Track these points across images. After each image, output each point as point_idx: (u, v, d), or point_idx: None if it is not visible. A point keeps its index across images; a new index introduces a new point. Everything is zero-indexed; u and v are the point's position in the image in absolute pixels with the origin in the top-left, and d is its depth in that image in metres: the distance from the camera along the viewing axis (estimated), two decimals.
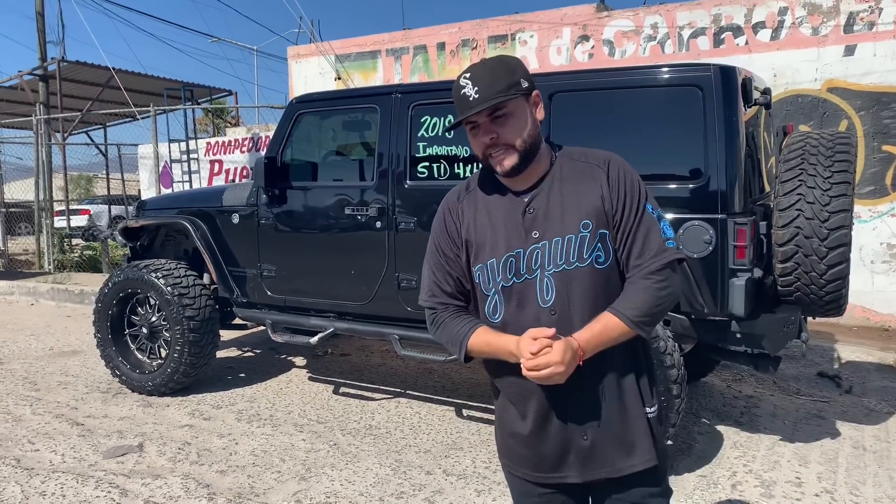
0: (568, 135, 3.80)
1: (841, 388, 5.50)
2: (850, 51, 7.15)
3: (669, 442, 3.79)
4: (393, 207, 4.43)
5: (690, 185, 3.75)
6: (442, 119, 4.27)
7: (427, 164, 4.34)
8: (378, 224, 4.48)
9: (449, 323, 1.84)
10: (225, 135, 16.60)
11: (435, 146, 4.30)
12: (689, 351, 4.18)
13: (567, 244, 1.72)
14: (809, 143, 3.90)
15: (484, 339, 1.77)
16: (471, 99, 1.69)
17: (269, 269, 5.01)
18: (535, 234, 1.74)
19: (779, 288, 3.89)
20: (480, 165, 1.86)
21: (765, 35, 7.52)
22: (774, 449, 4.27)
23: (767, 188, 4.33)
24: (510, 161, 1.72)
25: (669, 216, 3.73)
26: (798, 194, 3.75)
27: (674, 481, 3.83)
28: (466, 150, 4.22)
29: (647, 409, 1.81)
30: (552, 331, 1.65)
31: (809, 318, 4.36)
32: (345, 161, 5.09)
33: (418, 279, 4.34)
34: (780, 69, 7.40)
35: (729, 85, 3.71)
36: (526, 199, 1.77)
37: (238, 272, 5.17)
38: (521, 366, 1.65)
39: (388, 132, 4.46)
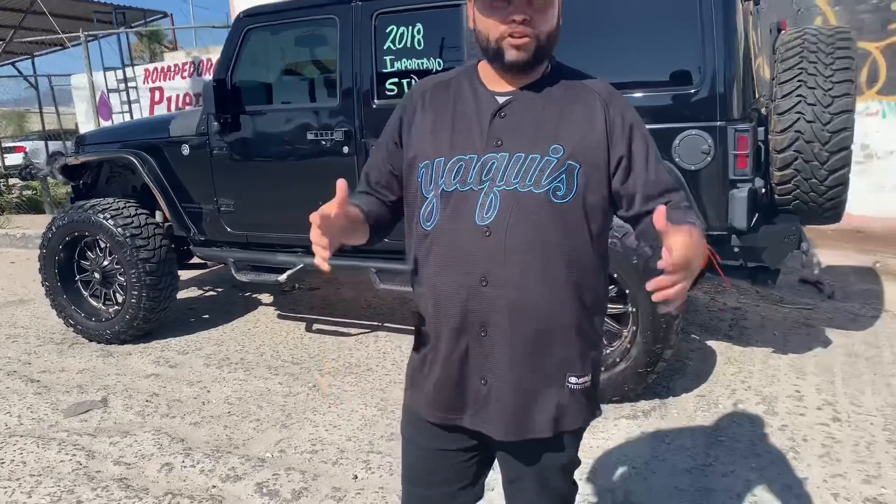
0: None
1: (823, 294, 5.44)
2: None
3: (663, 363, 3.64)
4: (360, 130, 4.07)
5: (685, 91, 3.47)
6: (410, 28, 3.87)
7: (396, 80, 3.96)
8: (345, 149, 4.12)
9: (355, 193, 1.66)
10: (163, 60, 15.68)
11: (404, 60, 3.91)
12: None
13: (529, 163, 1.46)
14: (808, 41, 3.62)
15: None
16: None
17: (226, 203, 4.62)
18: (498, 142, 1.49)
19: (776, 197, 3.69)
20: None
21: None
22: (769, 362, 4.17)
23: (757, 92, 4.08)
24: (527, 52, 1.47)
25: (664, 126, 3.47)
26: (798, 96, 3.50)
27: (673, 402, 3.71)
28: (439, 64, 3.85)
29: (570, 379, 1.55)
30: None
31: None
32: (303, 81, 4.65)
33: None
34: None
35: None
36: (501, 101, 1.52)
37: (193, 208, 4.78)
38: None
39: (349, 46, 4.04)
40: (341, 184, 1.39)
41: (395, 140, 1.64)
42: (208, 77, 12.88)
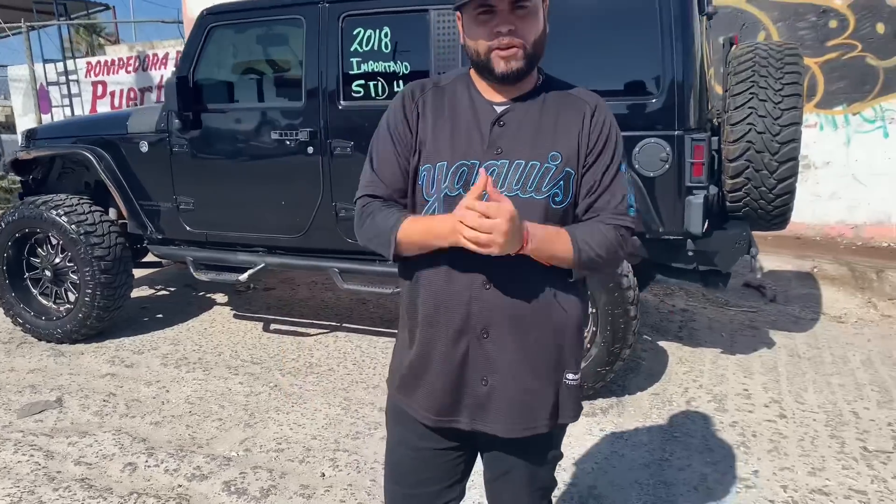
0: None
1: (766, 298, 5.68)
2: None
3: (621, 362, 3.76)
4: (326, 131, 4.08)
5: (645, 101, 3.60)
6: (378, 31, 3.91)
7: (363, 81, 3.99)
8: (310, 149, 4.12)
9: (378, 213, 1.59)
10: (105, 53, 15.28)
11: (371, 62, 3.95)
12: None
13: (530, 170, 1.53)
14: (759, 55, 3.80)
15: (417, 225, 1.53)
16: None
17: (186, 201, 4.57)
18: (499, 150, 1.54)
19: (728, 203, 3.85)
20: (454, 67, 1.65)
21: None
22: (718, 362, 4.35)
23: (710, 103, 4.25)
24: (517, 63, 1.52)
25: (624, 134, 3.58)
26: (750, 108, 3.67)
27: (629, 400, 3.84)
28: (406, 67, 3.90)
29: (568, 376, 1.63)
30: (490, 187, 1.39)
31: None
32: (267, 80, 4.63)
33: None
34: None
35: None
36: (499, 111, 1.58)
37: (151, 206, 4.71)
38: (461, 235, 1.39)
39: (316, 47, 4.05)
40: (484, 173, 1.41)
41: (406, 130, 1.61)
42: (154, 72, 12.67)
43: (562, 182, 1.54)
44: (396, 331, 1.77)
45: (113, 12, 19.14)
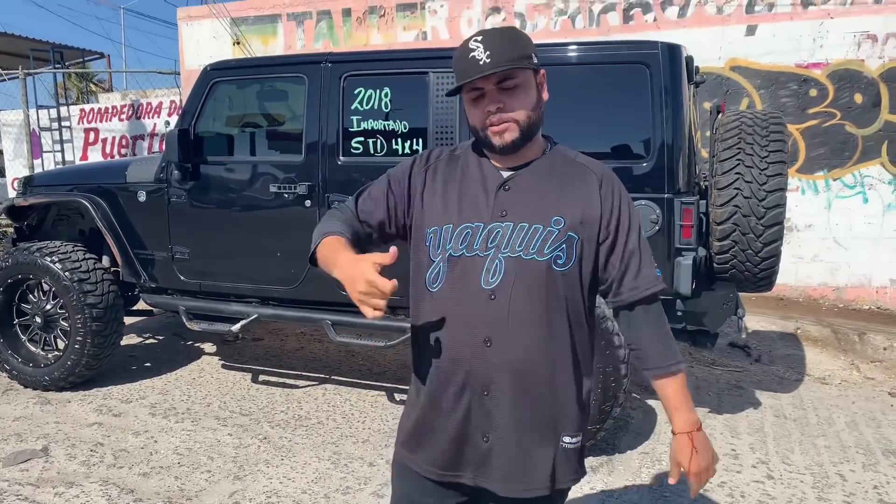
0: None
1: (751, 358, 5.75)
2: (751, 31, 7.40)
3: (612, 420, 3.79)
4: (324, 185, 4.16)
5: (636, 165, 3.72)
6: (378, 91, 4.03)
7: (362, 139, 4.09)
8: (307, 203, 4.20)
9: (330, 216, 1.74)
10: (97, 101, 15.42)
11: (371, 120, 4.06)
12: None
13: (532, 233, 1.60)
14: (745, 123, 3.95)
15: (331, 247, 1.61)
16: (481, 63, 1.55)
17: (181, 251, 4.61)
18: (503, 213, 1.62)
19: (715, 265, 3.95)
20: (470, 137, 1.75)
21: (672, 13, 7.66)
22: (706, 422, 4.38)
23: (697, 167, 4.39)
24: (511, 135, 1.60)
25: None
26: (736, 173, 3.80)
27: (619, 459, 3.86)
28: (405, 126, 4.01)
29: (565, 439, 1.67)
30: (391, 284, 1.42)
31: None
32: (267, 134, 4.73)
33: None
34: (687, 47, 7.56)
35: (675, 63, 3.70)
36: (506, 176, 1.66)
37: (146, 255, 4.74)
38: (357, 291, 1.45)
39: (317, 104, 4.16)
40: (393, 252, 1.46)
41: (406, 182, 1.72)
42: (147, 120, 12.80)
43: (564, 246, 1.61)
44: (385, 384, 1.83)
45: (108, 61, 19.39)
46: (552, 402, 1.64)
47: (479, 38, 1.58)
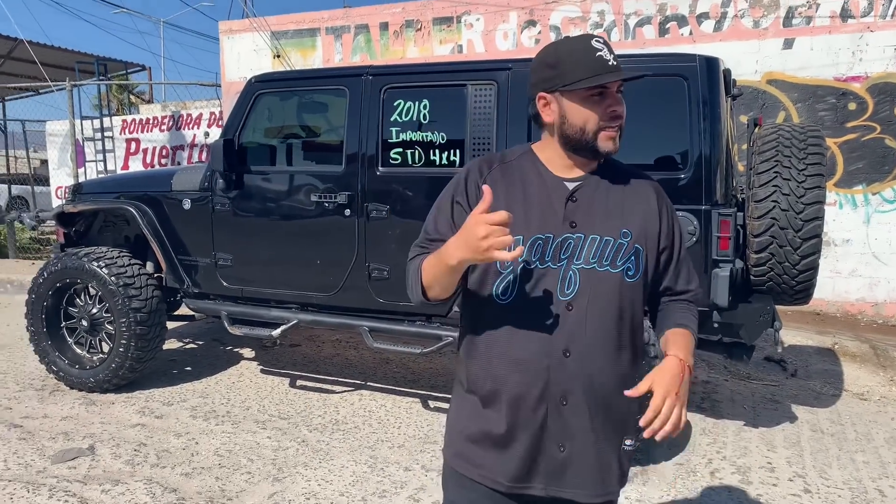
0: None
1: (787, 372, 5.70)
2: (788, 44, 7.37)
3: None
4: (363, 194, 4.26)
5: (674, 176, 3.74)
6: (417, 103, 4.11)
7: (400, 150, 4.18)
8: (347, 212, 4.29)
9: (416, 258, 1.69)
10: (138, 112, 15.80)
11: (409, 132, 4.15)
12: None
13: (604, 245, 1.63)
14: (783, 136, 3.96)
15: (431, 257, 1.61)
16: (610, 63, 1.58)
17: (224, 257, 4.74)
18: (573, 224, 1.63)
19: (752, 277, 3.95)
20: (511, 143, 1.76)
21: (708, 26, 7.67)
22: (741, 434, 4.37)
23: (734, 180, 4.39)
24: (618, 142, 1.64)
25: None
26: (774, 186, 3.81)
27: (653, 470, 3.86)
28: (443, 137, 4.09)
29: (626, 442, 1.70)
30: (504, 213, 1.42)
31: None
32: (309, 145, 4.85)
33: (390, 269, 4.23)
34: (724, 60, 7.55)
35: (713, 75, 3.72)
36: (571, 187, 1.67)
37: (189, 261, 4.87)
38: (488, 246, 1.42)
39: (357, 116, 4.27)
40: (488, 190, 1.47)
41: (465, 201, 1.68)
42: (187, 131, 13.09)
43: (633, 257, 1.64)
44: (419, 391, 1.84)
45: (149, 73, 19.86)
46: (620, 408, 1.67)
47: (600, 40, 1.61)
